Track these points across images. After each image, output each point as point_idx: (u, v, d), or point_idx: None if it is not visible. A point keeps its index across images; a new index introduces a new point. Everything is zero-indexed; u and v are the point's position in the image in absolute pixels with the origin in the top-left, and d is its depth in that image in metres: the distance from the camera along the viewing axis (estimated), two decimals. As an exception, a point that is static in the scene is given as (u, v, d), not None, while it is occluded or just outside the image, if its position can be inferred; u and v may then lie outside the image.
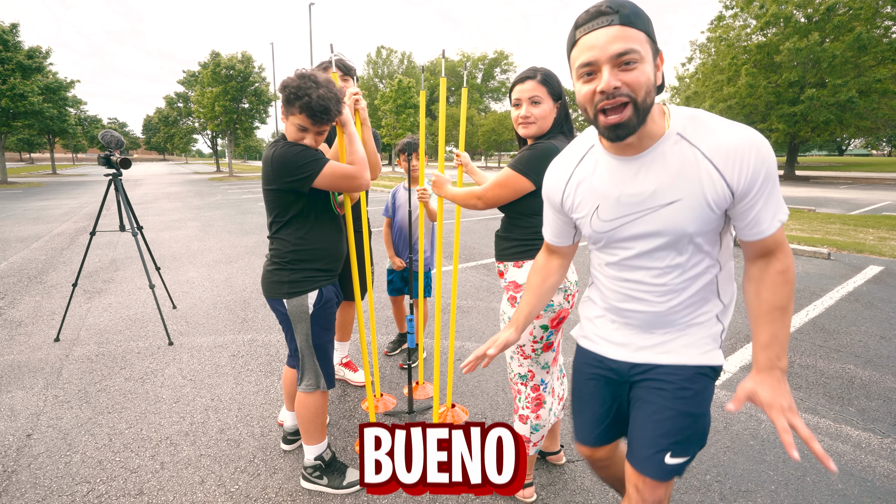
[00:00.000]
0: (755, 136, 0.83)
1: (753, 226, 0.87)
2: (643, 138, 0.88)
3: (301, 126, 1.42)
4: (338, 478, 1.67)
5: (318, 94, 1.37)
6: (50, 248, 5.97)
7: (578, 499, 1.67)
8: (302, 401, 1.60)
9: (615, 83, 0.80)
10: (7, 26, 16.78)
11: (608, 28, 0.80)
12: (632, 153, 0.91)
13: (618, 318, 1.05)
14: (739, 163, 0.82)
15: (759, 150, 0.82)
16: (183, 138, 35.90)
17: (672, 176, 0.87)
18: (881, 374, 2.62)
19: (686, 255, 0.92)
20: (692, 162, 0.85)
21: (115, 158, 3.04)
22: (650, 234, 0.92)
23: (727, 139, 0.83)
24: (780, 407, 0.84)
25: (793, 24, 19.72)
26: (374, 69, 48.54)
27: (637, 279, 0.98)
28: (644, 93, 0.81)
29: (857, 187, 17.37)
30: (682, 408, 0.96)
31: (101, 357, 2.80)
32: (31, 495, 1.65)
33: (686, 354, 0.98)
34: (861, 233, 7.02)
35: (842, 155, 66.09)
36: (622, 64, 0.80)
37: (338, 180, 1.46)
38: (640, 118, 0.83)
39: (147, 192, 14.95)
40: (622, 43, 0.79)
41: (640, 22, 0.81)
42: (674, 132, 0.87)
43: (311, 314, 1.52)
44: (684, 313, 0.97)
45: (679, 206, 0.87)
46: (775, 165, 0.84)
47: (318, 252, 1.53)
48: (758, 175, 0.82)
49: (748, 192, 0.84)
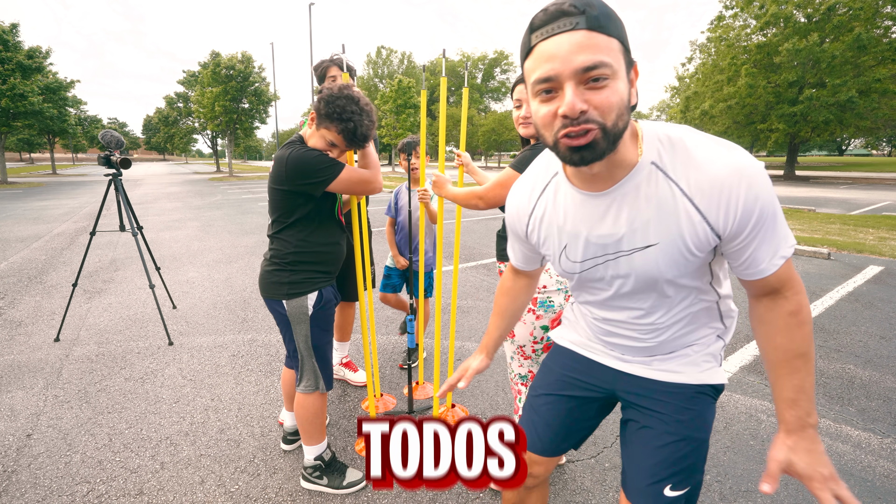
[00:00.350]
0: (745, 165, 0.68)
1: (749, 266, 0.75)
2: (613, 168, 0.73)
3: (333, 143, 1.45)
4: (338, 478, 1.67)
5: (363, 123, 1.41)
6: (50, 248, 5.97)
7: (578, 499, 1.66)
8: (301, 402, 1.60)
9: (581, 105, 0.63)
10: (7, 26, 16.78)
11: (572, 33, 0.62)
12: (600, 188, 0.76)
13: (605, 348, 0.96)
14: (726, 202, 0.69)
15: (750, 185, 0.67)
16: (183, 138, 35.91)
17: (646, 217, 0.74)
18: (881, 374, 2.62)
19: (671, 294, 0.82)
20: (669, 200, 0.72)
21: (115, 158, 3.04)
22: (626, 277, 0.81)
23: (710, 173, 0.69)
24: (821, 477, 0.71)
25: (792, 24, 19.74)
26: (374, 69, 48.54)
27: (620, 319, 0.88)
28: (616, 116, 0.65)
29: (856, 187, 17.37)
30: (683, 432, 0.86)
31: (101, 357, 2.80)
32: (31, 495, 1.65)
33: (683, 373, 0.89)
34: (861, 233, 7.02)
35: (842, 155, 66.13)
36: (589, 80, 0.63)
37: (353, 185, 1.48)
38: (611, 144, 0.67)
39: (147, 192, 14.95)
40: (590, 54, 0.62)
41: (613, 26, 0.64)
42: (647, 161, 0.73)
43: (311, 315, 1.52)
44: (680, 342, 0.88)
45: (655, 250, 0.75)
46: (772, 197, 0.69)
47: (319, 254, 1.53)
48: (749, 214, 0.69)
49: (738, 235, 0.71)
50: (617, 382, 0.95)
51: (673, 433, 0.86)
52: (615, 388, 0.96)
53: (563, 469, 1.82)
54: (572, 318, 1.04)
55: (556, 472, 1.80)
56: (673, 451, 0.85)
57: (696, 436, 0.86)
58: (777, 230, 0.72)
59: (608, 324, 0.91)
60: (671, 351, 0.89)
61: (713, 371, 0.90)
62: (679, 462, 0.85)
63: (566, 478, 1.77)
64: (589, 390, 0.98)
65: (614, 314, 0.89)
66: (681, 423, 0.86)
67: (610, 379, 0.96)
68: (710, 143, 0.71)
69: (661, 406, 0.89)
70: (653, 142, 0.73)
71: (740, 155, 0.69)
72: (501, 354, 2.86)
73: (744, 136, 23.76)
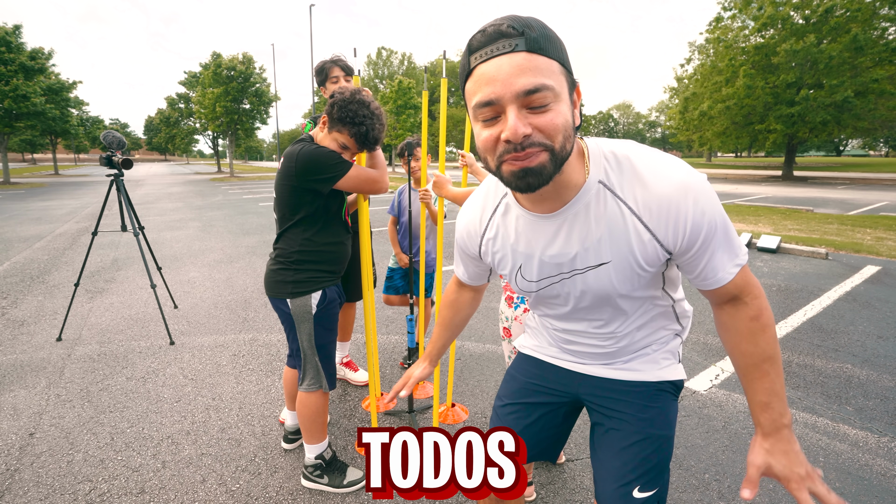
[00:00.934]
0: (690, 181, 0.69)
1: (706, 277, 0.75)
2: (560, 189, 0.72)
3: (345, 146, 1.49)
4: (338, 476, 1.68)
5: (374, 127, 1.46)
6: (52, 248, 5.99)
7: (578, 498, 1.68)
8: (303, 400, 1.61)
9: (524, 129, 0.61)
10: (10, 28, 16.83)
11: (511, 55, 0.60)
12: (548, 209, 0.76)
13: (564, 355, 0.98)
14: (674, 220, 0.69)
15: (696, 200, 0.68)
16: (184, 139, 35.96)
17: (597, 235, 0.74)
18: (878, 373, 2.63)
19: (626, 307, 0.83)
20: (619, 219, 0.72)
21: (117, 159, 3.06)
22: (581, 294, 0.82)
23: (657, 191, 0.69)
24: (797, 478, 0.73)
25: (790, 25, 19.78)
26: (374, 70, 48.61)
27: (579, 329, 0.90)
28: (563, 138, 0.63)
29: (854, 188, 17.39)
30: (646, 430, 0.87)
31: (102, 356, 2.82)
32: (33, 493, 1.66)
33: (643, 371, 0.90)
34: (858, 233, 7.04)
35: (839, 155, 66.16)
36: (532, 104, 0.61)
37: (362, 183, 1.51)
38: (557, 168, 0.65)
39: (148, 193, 14.97)
40: (531, 76, 0.60)
41: (552, 48, 0.62)
42: (595, 180, 0.73)
43: (315, 314, 1.53)
44: (638, 345, 0.90)
45: (608, 268, 0.76)
46: (719, 210, 0.70)
47: (324, 254, 1.55)
48: (698, 229, 0.69)
49: (689, 249, 0.72)
50: (580, 386, 0.96)
51: (636, 432, 0.87)
52: (578, 392, 0.96)
53: (563, 469, 1.83)
54: (533, 326, 1.05)
55: (555, 472, 1.81)
56: (638, 451, 0.86)
57: (659, 433, 0.87)
58: (728, 241, 0.73)
59: (568, 333, 0.93)
60: (631, 353, 0.90)
61: (672, 368, 0.92)
62: (645, 462, 0.85)
63: (566, 477, 1.78)
64: (553, 395, 0.98)
65: (573, 325, 0.90)
66: (643, 420, 0.87)
67: (572, 383, 0.96)
68: (655, 160, 0.72)
69: (624, 406, 0.89)
70: (599, 160, 0.73)
71: (684, 171, 0.70)
72: (499, 354, 2.88)
73: (742, 137, 23.79)
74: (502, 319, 1.66)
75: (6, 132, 17.78)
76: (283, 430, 1.99)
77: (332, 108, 1.45)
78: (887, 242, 6.29)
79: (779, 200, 12.43)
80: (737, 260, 0.74)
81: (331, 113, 1.46)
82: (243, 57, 23.46)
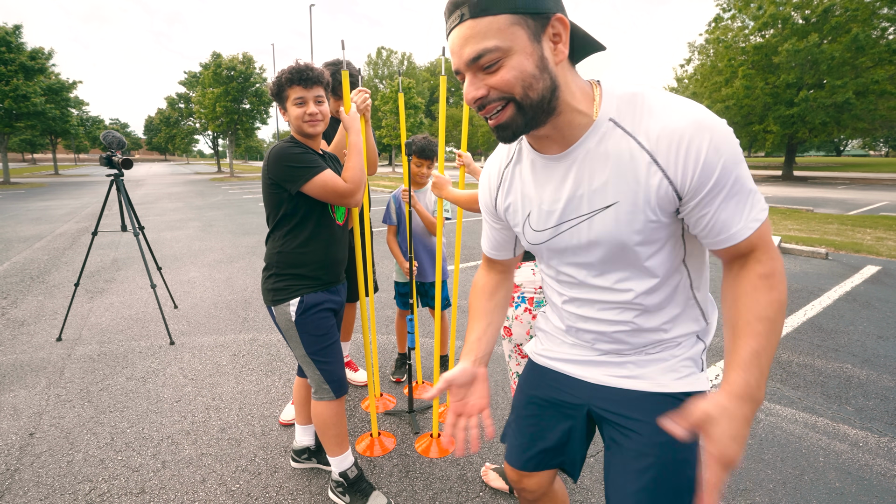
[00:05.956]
0: (707, 118, 0.65)
1: (720, 231, 0.69)
2: (563, 129, 0.71)
3: (300, 100, 1.42)
4: (359, 500, 1.59)
5: (283, 72, 1.43)
6: (52, 248, 5.99)
7: (578, 498, 1.68)
8: (313, 409, 1.57)
9: (476, 92, 0.67)
10: (10, 28, 16.83)
11: (460, 27, 0.65)
12: (555, 150, 0.75)
13: (577, 340, 0.89)
14: (685, 153, 0.65)
15: (712, 137, 0.64)
16: (184, 139, 36.01)
17: (604, 174, 0.71)
18: (878, 373, 2.63)
19: (639, 268, 0.76)
20: (627, 155, 0.69)
21: (117, 159, 3.06)
22: (589, 245, 0.77)
23: (669, 123, 0.65)
24: (724, 459, 0.64)
25: (790, 25, 19.77)
26: (374, 70, 48.59)
27: (591, 298, 0.83)
28: (522, 88, 0.65)
29: (854, 188, 17.38)
30: (664, 456, 0.77)
31: (102, 356, 2.82)
32: (33, 493, 1.66)
33: (660, 380, 0.81)
34: (858, 233, 7.03)
35: (839, 155, 66.18)
36: (483, 67, 0.65)
37: (327, 193, 1.43)
38: (531, 115, 0.67)
39: (148, 193, 14.97)
40: (473, 44, 0.64)
41: (497, 4, 0.62)
42: (605, 119, 0.70)
43: (295, 322, 1.47)
44: (656, 334, 0.81)
45: (615, 210, 0.72)
46: (736, 154, 0.65)
47: (302, 257, 1.48)
48: (710, 168, 0.64)
49: (699, 191, 0.66)
50: (591, 398, 0.88)
51: (651, 453, 0.78)
52: (589, 404, 0.89)
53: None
54: (542, 323, 1.00)
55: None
56: (656, 473, 0.77)
57: (679, 457, 0.77)
58: (744, 192, 0.67)
59: (580, 306, 0.85)
60: (646, 346, 0.82)
61: (693, 378, 0.82)
62: (662, 484, 0.77)
63: (565, 476, 1.78)
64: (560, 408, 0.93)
65: (585, 292, 0.83)
66: (661, 445, 0.77)
67: (583, 394, 0.89)
68: (672, 97, 0.68)
69: (639, 426, 0.80)
70: (611, 100, 0.71)
71: (703, 110, 0.66)
72: (499, 353, 2.88)
73: (741, 138, 23.78)
74: (502, 319, 1.65)
75: (6, 132, 17.79)
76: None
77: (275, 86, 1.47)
78: (887, 242, 6.28)
79: (779, 200, 12.42)
80: (754, 213, 0.67)
81: (274, 93, 1.48)
82: (243, 57, 23.48)
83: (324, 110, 1.46)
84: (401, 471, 1.81)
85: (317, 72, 1.43)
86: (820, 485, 1.73)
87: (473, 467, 1.83)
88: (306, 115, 1.42)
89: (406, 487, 1.72)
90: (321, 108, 1.45)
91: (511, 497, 1.67)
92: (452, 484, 1.73)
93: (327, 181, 1.42)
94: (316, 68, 1.44)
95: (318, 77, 1.43)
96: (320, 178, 1.40)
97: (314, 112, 1.43)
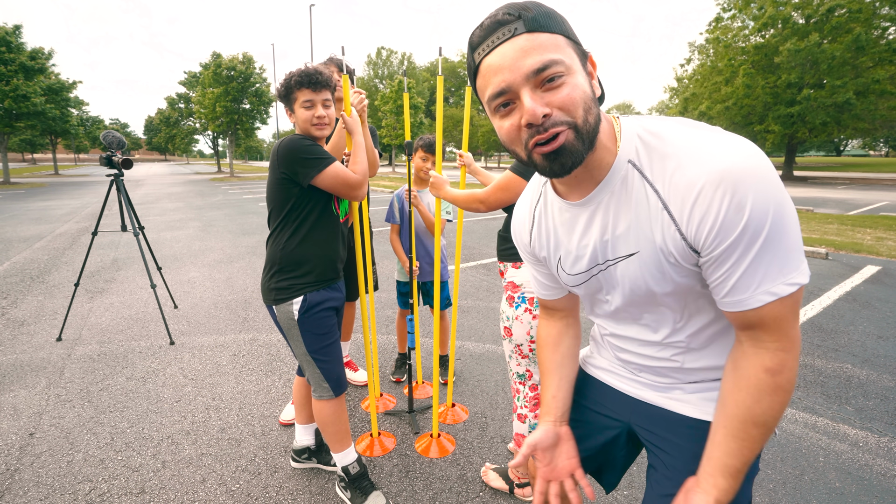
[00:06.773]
0: (735, 167, 0.56)
1: (724, 292, 0.62)
2: (592, 170, 0.67)
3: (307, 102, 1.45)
4: (359, 497, 1.61)
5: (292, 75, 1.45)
6: (52, 248, 5.99)
7: None
8: (314, 407, 1.59)
9: (542, 109, 0.58)
10: (10, 28, 16.84)
11: (513, 40, 0.58)
12: (577, 195, 0.71)
13: (624, 367, 0.87)
14: (701, 210, 0.58)
15: (735, 192, 0.55)
16: (184, 139, 35.99)
17: (627, 221, 0.66)
18: (878, 373, 2.63)
19: (673, 312, 0.72)
20: (644, 202, 0.64)
21: (117, 159, 3.06)
22: (620, 291, 0.74)
23: (686, 174, 0.59)
24: None
25: (790, 25, 19.78)
26: (374, 70, 48.59)
27: (630, 335, 0.80)
28: (583, 111, 0.59)
29: (854, 188, 17.39)
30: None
31: (102, 356, 2.82)
32: (33, 493, 1.66)
33: (702, 406, 0.77)
34: (859, 233, 7.03)
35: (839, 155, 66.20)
36: (545, 82, 0.58)
37: (338, 184, 1.46)
38: (587, 144, 0.61)
39: (148, 193, 14.97)
40: (537, 55, 0.58)
41: (554, 23, 0.60)
42: (624, 160, 0.65)
43: (298, 321, 1.48)
44: (702, 373, 0.76)
45: (638, 259, 0.67)
46: (768, 212, 0.55)
47: (305, 254, 1.49)
48: (730, 228, 0.56)
49: (715, 249, 0.59)
50: (633, 414, 0.86)
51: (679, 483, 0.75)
52: (630, 421, 0.87)
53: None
54: (595, 335, 0.97)
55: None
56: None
57: None
58: (772, 252, 0.57)
59: (620, 340, 0.84)
60: (694, 381, 0.78)
61: None
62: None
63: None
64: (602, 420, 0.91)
65: (623, 329, 0.81)
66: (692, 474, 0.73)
67: (625, 411, 0.87)
68: (698, 137, 0.60)
69: (674, 449, 0.78)
70: (630, 138, 0.65)
71: (733, 154, 0.56)
72: (500, 354, 2.88)
73: (742, 137, 23.75)
74: (503, 319, 1.65)
75: (6, 132, 17.79)
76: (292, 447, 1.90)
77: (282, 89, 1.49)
78: (887, 242, 6.28)
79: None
80: (775, 285, 0.58)
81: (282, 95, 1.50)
82: (243, 57, 23.47)
83: (331, 114, 1.50)
84: (401, 471, 1.81)
85: (326, 76, 1.46)
86: (820, 485, 1.73)
87: (473, 467, 1.83)
88: (315, 118, 1.46)
89: (406, 487, 1.72)
90: (328, 112, 1.49)
91: (511, 497, 1.67)
92: (452, 484, 1.74)
93: (339, 172, 1.45)
94: (325, 72, 1.47)
95: (327, 81, 1.47)
96: (332, 169, 1.44)
97: (322, 115, 1.47)
